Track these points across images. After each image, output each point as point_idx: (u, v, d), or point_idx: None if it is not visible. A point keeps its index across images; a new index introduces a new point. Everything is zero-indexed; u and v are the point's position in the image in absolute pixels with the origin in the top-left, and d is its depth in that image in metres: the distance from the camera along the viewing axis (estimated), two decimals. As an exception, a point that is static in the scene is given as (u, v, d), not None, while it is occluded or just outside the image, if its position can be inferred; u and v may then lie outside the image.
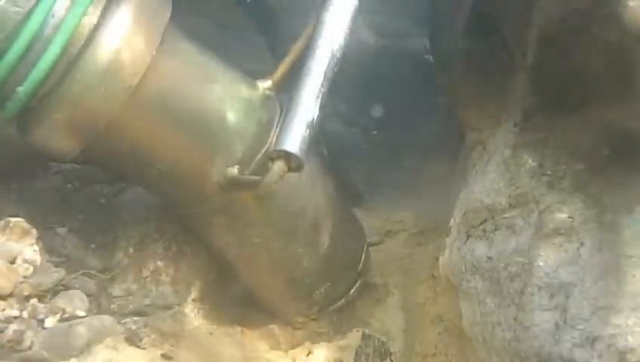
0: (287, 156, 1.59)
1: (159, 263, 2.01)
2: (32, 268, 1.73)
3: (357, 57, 2.31)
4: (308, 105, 1.60)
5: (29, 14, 1.50)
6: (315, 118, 1.61)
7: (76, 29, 1.55)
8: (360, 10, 1.72)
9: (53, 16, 1.53)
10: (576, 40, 1.51)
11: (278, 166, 1.59)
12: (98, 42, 1.59)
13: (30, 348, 1.59)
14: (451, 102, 2.30)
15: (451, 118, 2.30)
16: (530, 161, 1.67)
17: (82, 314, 1.76)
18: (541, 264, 1.54)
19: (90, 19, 1.58)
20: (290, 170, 1.61)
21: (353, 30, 1.72)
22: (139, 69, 1.62)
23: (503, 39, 1.92)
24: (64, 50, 1.55)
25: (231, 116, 1.81)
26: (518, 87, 1.75)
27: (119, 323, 1.84)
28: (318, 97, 1.61)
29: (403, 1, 2.99)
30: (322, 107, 1.62)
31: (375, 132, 3.05)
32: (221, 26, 2.73)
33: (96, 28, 1.58)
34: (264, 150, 1.82)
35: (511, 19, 1.86)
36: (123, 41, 1.60)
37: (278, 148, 1.60)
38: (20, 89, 1.55)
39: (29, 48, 1.52)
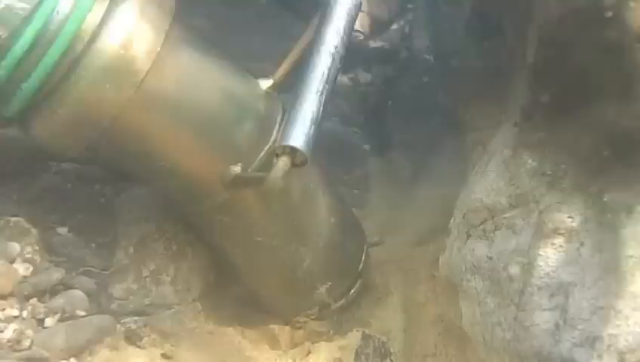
0: (291, 151, 1.60)
1: (159, 263, 2.01)
2: (32, 268, 1.73)
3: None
4: (312, 101, 1.61)
5: (33, 11, 1.50)
6: (319, 114, 1.61)
7: (81, 26, 1.55)
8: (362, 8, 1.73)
9: (58, 12, 1.54)
10: (576, 40, 1.51)
11: (283, 161, 1.60)
12: (103, 39, 1.59)
13: (30, 347, 1.59)
14: (451, 102, 2.30)
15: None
16: (530, 161, 1.67)
17: (82, 313, 1.76)
18: (541, 264, 1.54)
19: (95, 16, 1.58)
20: (294, 165, 1.61)
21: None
22: (143, 65, 1.63)
23: (503, 39, 1.92)
24: (69, 47, 1.55)
25: (233, 114, 1.82)
26: (518, 87, 1.75)
27: (119, 323, 1.84)
28: (321, 94, 1.62)
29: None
30: (325, 103, 1.63)
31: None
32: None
33: (101, 24, 1.59)
34: (266, 148, 1.82)
35: (511, 19, 1.86)
36: (128, 37, 1.60)
37: (283, 143, 1.60)
38: (25, 85, 1.55)
39: (34, 45, 1.52)
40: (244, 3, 2.58)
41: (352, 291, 2.23)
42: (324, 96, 1.62)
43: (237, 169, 1.80)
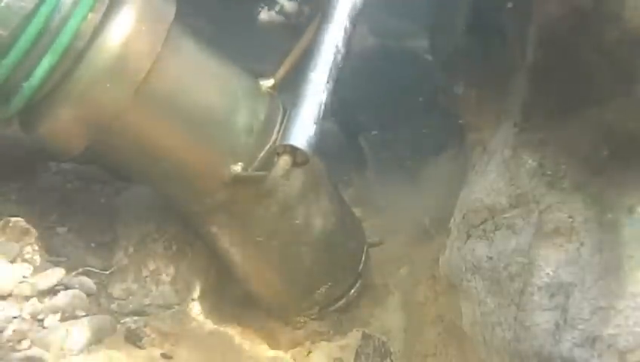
0: (292, 151, 1.60)
1: (159, 263, 2.01)
2: (31, 268, 1.72)
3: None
4: (313, 101, 1.61)
5: (34, 10, 1.51)
6: (321, 113, 1.61)
7: (82, 25, 1.56)
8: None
9: (59, 11, 1.54)
10: (576, 40, 1.51)
11: (284, 160, 1.60)
12: (104, 38, 1.59)
13: (30, 347, 1.59)
14: (451, 102, 2.30)
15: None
16: (530, 161, 1.67)
17: (82, 313, 1.75)
18: (541, 264, 1.54)
19: (96, 16, 1.58)
20: (295, 164, 1.61)
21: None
22: (144, 65, 1.63)
23: (503, 39, 1.92)
24: (70, 46, 1.55)
25: (233, 114, 1.82)
26: (518, 87, 1.75)
27: (119, 323, 1.84)
28: (323, 93, 1.62)
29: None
30: (327, 103, 1.63)
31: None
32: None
33: (102, 24, 1.59)
34: (267, 148, 1.82)
35: (511, 19, 1.86)
36: (128, 37, 1.61)
37: (284, 142, 1.60)
38: (26, 84, 1.56)
39: (34, 44, 1.53)
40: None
41: (353, 291, 2.23)
42: (325, 96, 1.62)
43: (237, 168, 1.80)
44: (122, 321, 1.86)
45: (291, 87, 1.78)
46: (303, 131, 1.59)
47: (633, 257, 1.40)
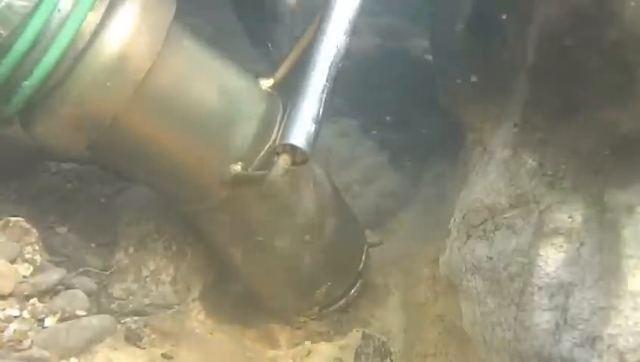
0: (292, 150, 1.60)
1: (159, 263, 2.01)
2: (32, 268, 1.72)
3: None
4: (312, 100, 1.61)
5: (35, 9, 1.51)
6: (320, 113, 1.61)
7: (82, 25, 1.56)
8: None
9: (59, 11, 1.54)
10: (576, 40, 1.51)
11: (284, 160, 1.60)
12: (104, 38, 1.59)
13: (30, 347, 1.59)
14: (451, 102, 2.30)
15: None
16: (530, 161, 1.67)
17: (82, 313, 1.75)
18: (541, 264, 1.54)
19: (96, 15, 1.58)
20: (295, 163, 1.61)
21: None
22: (144, 64, 1.63)
23: (503, 39, 1.92)
24: (70, 46, 1.56)
25: (233, 113, 1.82)
26: (518, 87, 1.75)
27: (119, 322, 1.85)
28: (322, 92, 1.62)
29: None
30: (327, 102, 1.63)
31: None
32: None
33: (102, 23, 1.59)
34: (267, 147, 1.83)
35: (511, 19, 1.86)
36: (128, 36, 1.61)
37: (284, 142, 1.60)
38: (26, 84, 1.56)
39: (34, 43, 1.53)
40: None
41: (353, 291, 2.23)
42: (325, 95, 1.62)
43: (237, 168, 1.80)
44: (122, 321, 1.86)
45: (291, 86, 1.78)
46: (302, 130, 1.59)
47: (633, 257, 1.40)
